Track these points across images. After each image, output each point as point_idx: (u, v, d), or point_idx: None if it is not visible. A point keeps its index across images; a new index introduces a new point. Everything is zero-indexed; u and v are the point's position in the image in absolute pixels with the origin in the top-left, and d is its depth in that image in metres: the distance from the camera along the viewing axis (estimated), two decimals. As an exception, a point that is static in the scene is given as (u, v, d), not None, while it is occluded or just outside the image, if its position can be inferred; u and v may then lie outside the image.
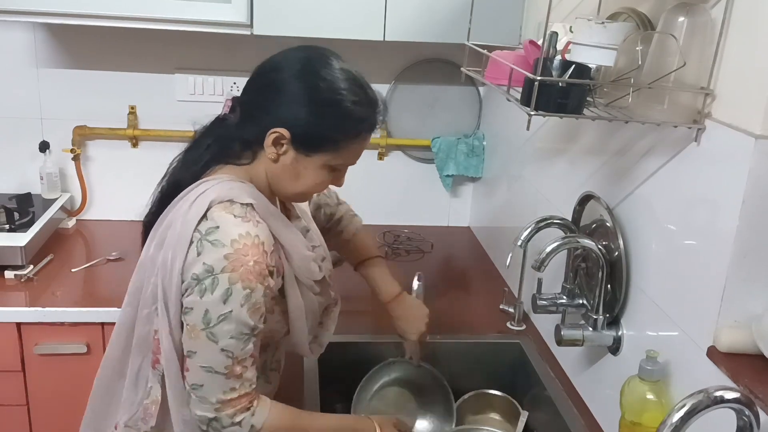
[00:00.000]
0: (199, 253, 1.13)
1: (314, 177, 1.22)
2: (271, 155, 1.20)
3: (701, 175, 1.16)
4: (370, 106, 1.21)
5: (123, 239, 2.19)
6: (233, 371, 1.15)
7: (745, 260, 1.08)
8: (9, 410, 1.86)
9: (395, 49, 2.26)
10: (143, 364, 1.23)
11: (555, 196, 1.76)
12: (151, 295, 1.19)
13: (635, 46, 1.18)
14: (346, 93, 1.17)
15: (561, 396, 1.58)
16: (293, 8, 1.92)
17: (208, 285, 1.11)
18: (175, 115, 2.30)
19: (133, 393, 1.25)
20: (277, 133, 1.17)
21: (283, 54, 1.24)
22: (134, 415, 1.24)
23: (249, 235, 1.14)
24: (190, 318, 1.14)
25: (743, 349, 1.09)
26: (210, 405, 1.16)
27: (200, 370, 1.14)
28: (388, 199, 2.50)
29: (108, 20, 1.87)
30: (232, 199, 1.17)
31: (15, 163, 2.28)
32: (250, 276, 1.12)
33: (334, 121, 1.18)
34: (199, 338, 1.13)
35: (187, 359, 1.16)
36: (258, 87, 1.23)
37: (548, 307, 1.55)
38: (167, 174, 1.30)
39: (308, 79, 1.18)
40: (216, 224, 1.14)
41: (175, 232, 1.16)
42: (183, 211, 1.17)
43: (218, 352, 1.13)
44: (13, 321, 1.78)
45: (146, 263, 1.22)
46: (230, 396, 1.16)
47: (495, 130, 2.35)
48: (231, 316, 1.12)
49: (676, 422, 0.92)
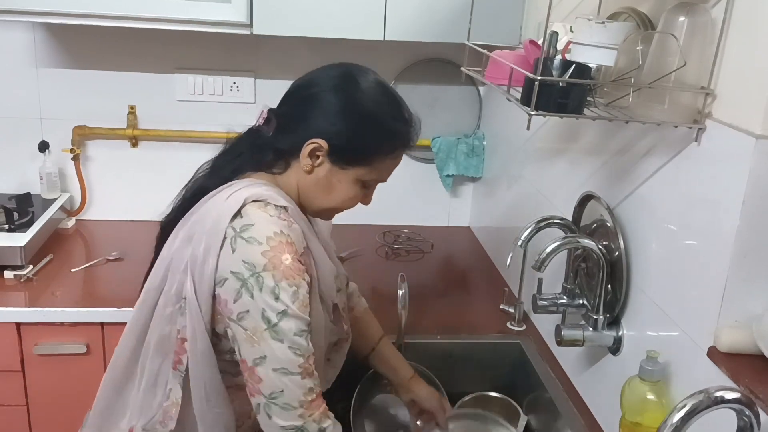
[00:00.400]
0: (234, 249, 1.11)
1: (346, 192, 1.23)
2: (306, 166, 1.20)
3: (702, 175, 1.16)
4: (407, 122, 1.23)
5: (123, 239, 2.19)
6: (306, 369, 1.13)
7: (746, 260, 1.08)
8: (8, 410, 1.86)
9: (395, 49, 2.26)
10: (163, 366, 1.22)
11: (555, 196, 1.76)
12: (176, 293, 1.18)
13: (635, 45, 1.18)
14: (385, 107, 1.20)
15: (561, 396, 1.58)
16: (293, 8, 1.91)
17: (253, 283, 1.10)
18: (175, 114, 2.30)
19: (150, 396, 1.22)
20: (315, 144, 1.18)
21: (320, 69, 1.25)
22: (152, 419, 1.22)
23: (283, 234, 1.13)
24: (249, 322, 1.11)
25: (743, 349, 1.09)
26: (294, 411, 1.12)
27: (275, 375, 1.11)
28: (388, 199, 2.49)
29: (108, 20, 1.87)
30: (267, 200, 1.16)
31: (14, 163, 2.28)
32: (291, 273, 1.11)
33: (372, 134, 1.19)
34: (264, 340, 1.11)
35: (257, 369, 1.12)
36: (296, 99, 1.24)
37: (548, 307, 1.55)
38: (193, 179, 1.28)
39: (347, 91, 1.19)
40: (251, 222, 1.13)
41: (206, 227, 1.14)
42: (216, 206, 1.16)
43: (287, 350, 1.11)
44: (12, 321, 1.78)
45: (170, 260, 1.19)
46: (311, 397, 1.14)
47: (495, 130, 2.35)
48: (288, 313, 1.11)
49: (677, 422, 0.92)
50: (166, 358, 1.21)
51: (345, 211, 1.31)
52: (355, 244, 2.27)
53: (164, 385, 1.22)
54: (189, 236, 1.17)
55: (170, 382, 1.21)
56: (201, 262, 1.13)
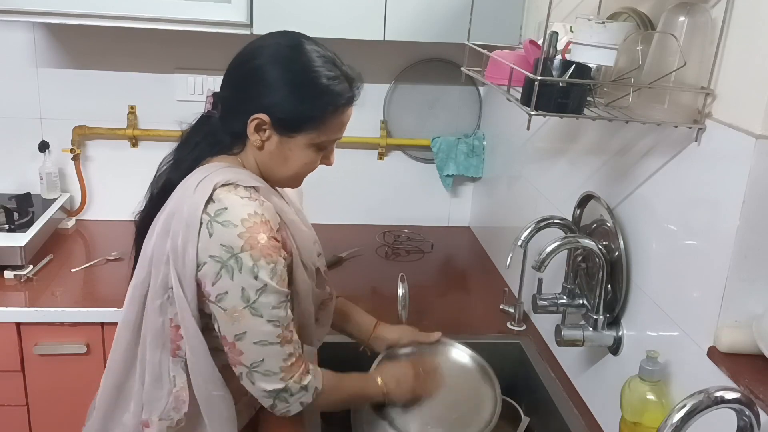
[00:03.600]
0: (211, 234, 1.15)
1: (302, 157, 1.25)
2: (256, 142, 1.23)
3: (702, 175, 1.16)
4: (346, 80, 1.23)
5: (123, 239, 2.18)
6: (285, 337, 1.19)
7: (746, 260, 1.08)
8: (8, 410, 1.86)
9: (395, 49, 2.26)
10: (162, 357, 1.24)
11: (555, 196, 1.76)
12: (162, 285, 1.21)
13: (635, 45, 1.18)
14: (320, 70, 1.19)
15: (561, 396, 1.58)
16: (293, 8, 1.92)
17: (233, 265, 1.14)
18: (175, 115, 2.26)
19: (158, 388, 1.25)
20: (258, 119, 1.20)
21: (253, 43, 1.26)
22: (165, 408, 1.25)
23: (257, 214, 1.16)
24: (228, 302, 1.16)
25: (744, 349, 1.09)
26: (275, 376, 1.19)
27: (255, 347, 1.17)
28: (388, 199, 2.50)
29: (108, 20, 1.87)
30: (236, 183, 1.19)
31: (15, 163, 2.28)
32: (268, 251, 1.15)
33: (311, 99, 1.20)
34: (244, 317, 1.16)
35: (238, 343, 1.17)
36: (234, 79, 1.26)
37: (548, 307, 1.55)
38: (158, 174, 1.31)
39: (281, 63, 1.20)
40: (224, 205, 1.16)
41: (182, 218, 1.17)
42: (187, 196, 1.18)
43: (266, 323, 1.17)
44: (12, 321, 1.78)
45: (151, 254, 1.22)
46: (290, 361, 1.20)
47: (495, 130, 2.35)
48: (267, 288, 1.16)
49: (677, 422, 0.92)
50: (165, 348, 1.24)
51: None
52: (355, 244, 2.27)
53: (168, 374, 1.25)
54: (166, 230, 1.20)
55: (173, 369, 1.24)
56: (181, 253, 1.16)
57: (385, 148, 2.44)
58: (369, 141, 2.41)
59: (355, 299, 1.59)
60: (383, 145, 2.42)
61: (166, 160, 1.32)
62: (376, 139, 2.41)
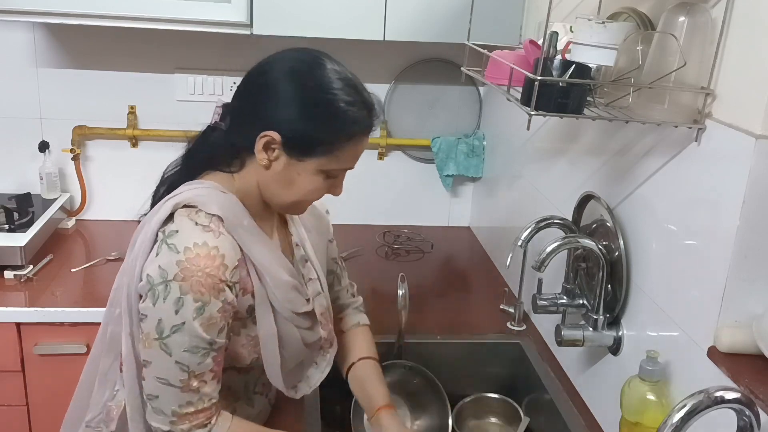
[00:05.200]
0: (158, 254, 1.10)
1: (309, 183, 1.16)
2: (263, 161, 1.14)
3: (702, 175, 1.16)
4: (365, 107, 1.15)
5: (123, 239, 2.17)
6: (189, 385, 1.10)
7: (746, 260, 1.08)
8: (8, 410, 1.86)
9: (395, 49, 2.26)
10: (113, 365, 1.22)
11: (555, 196, 1.76)
12: (124, 296, 1.17)
13: (635, 45, 1.18)
14: (339, 93, 1.11)
15: (561, 396, 1.58)
16: (293, 8, 1.91)
17: (160, 291, 1.07)
18: (175, 115, 2.30)
19: (99, 393, 1.23)
20: (268, 137, 1.12)
21: (272, 57, 1.18)
22: (97, 416, 1.22)
23: (206, 245, 1.09)
24: (145, 326, 1.11)
25: (744, 349, 1.09)
26: (165, 417, 1.12)
27: (155, 381, 1.11)
28: (388, 199, 2.50)
29: (108, 20, 1.87)
30: (198, 207, 1.13)
31: (15, 163, 2.28)
32: (201, 288, 1.07)
33: (326, 122, 1.12)
34: (152, 348, 1.10)
35: (144, 369, 1.12)
36: (246, 91, 1.18)
37: (548, 307, 1.55)
38: (162, 179, 1.27)
39: (298, 79, 1.12)
40: (176, 228, 1.11)
41: (143, 232, 1.15)
42: (153, 213, 1.16)
43: (173, 364, 1.09)
44: (12, 321, 1.78)
45: (124, 265, 1.21)
46: (186, 410, 1.12)
47: (495, 130, 2.35)
48: (184, 328, 1.08)
49: (677, 422, 0.92)
50: (116, 359, 1.22)
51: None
52: (355, 244, 2.27)
53: (113, 384, 1.23)
54: (133, 241, 1.18)
55: (118, 382, 1.22)
56: (131, 267, 1.14)
57: (385, 148, 2.44)
58: (369, 141, 2.40)
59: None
60: (383, 145, 2.42)
61: (172, 166, 1.27)
62: (376, 139, 2.40)
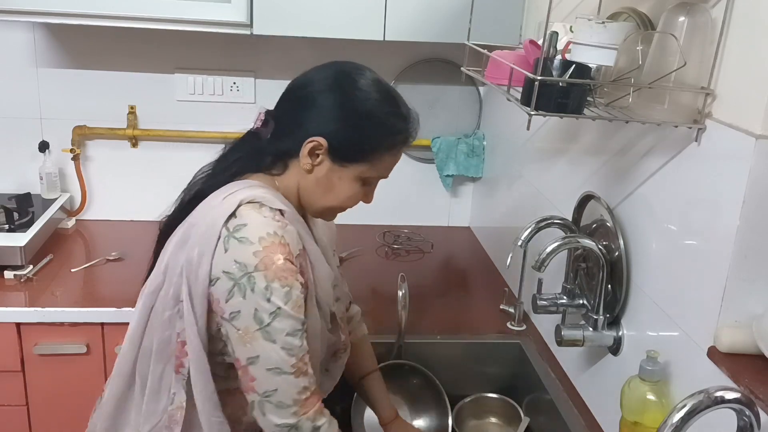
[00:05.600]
0: (227, 249, 1.12)
1: (347, 190, 1.22)
2: (306, 165, 1.20)
3: (702, 175, 1.16)
4: (405, 118, 1.22)
5: (123, 239, 2.19)
6: (300, 369, 1.13)
7: (746, 260, 1.08)
8: (8, 410, 1.86)
9: (395, 49, 2.26)
10: (165, 371, 1.21)
11: (555, 196, 1.76)
12: (173, 297, 1.17)
13: (635, 45, 1.18)
14: (382, 103, 1.19)
15: (561, 396, 1.58)
16: (293, 8, 1.91)
17: (246, 283, 1.10)
18: (175, 115, 2.30)
19: (154, 402, 1.22)
20: (315, 142, 1.18)
21: (315, 69, 1.24)
22: (158, 424, 1.21)
23: (276, 235, 1.13)
24: (241, 322, 1.12)
25: (744, 349, 1.09)
26: (288, 409, 1.14)
27: (269, 375, 1.12)
28: (388, 199, 2.48)
29: (108, 20, 1.87)
30: (262, 203, 1.16)
31: (15, 163, 2.28)
32: (284, 273, 1.11)
33: (370, 130, 1.19)
34: (256, 340, 1.11)
35: (251, 368, 1.13)
36: (292, 100, 1.23)
37: (548, 307, 1.55)
38: (192, 182, 1.28)
39: (343, 90, 1.19)
40: (244, 222, 1.13)
41: (201, 230, 1.15)
42: (211, 209, 1.16)
43: (279, 350, 1.12)
44: (12, 321, 1.77)
45: (166, 264, 1.19)
46: (305, 396, 1.15)
47: (495, 130, 2.35)
48: (281, 312, 1.11)
49: (677, 422, 0.92)
50: (168, 362, 1.20)
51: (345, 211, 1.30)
52: (355, 244, 2.27)
53: (168, 389, 1.21)
54: (184, 240, 1.17)
55: (174, 386, 1.20)
56: (196, 265, 1.13)
57: (385, 148, 2.44)
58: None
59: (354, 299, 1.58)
60: (383, 145, 2.42)
61: (204, 170, 1.28)
62: (376, 139, 2.40)
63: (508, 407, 1.66)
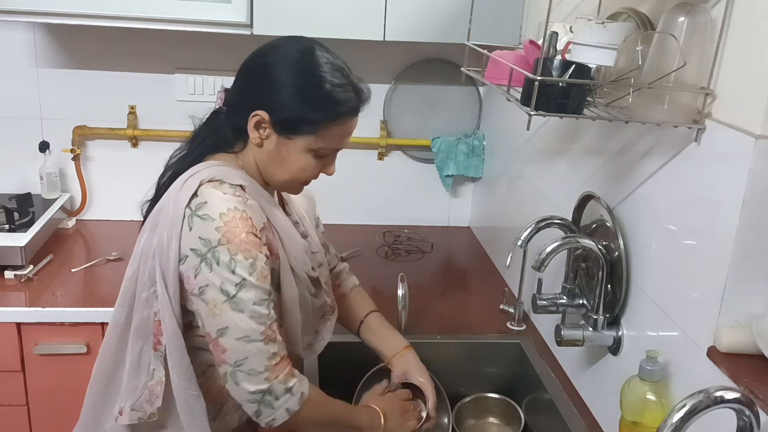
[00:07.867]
0: (191, 228, 1.16)
1: (299, 161, 1.24)
2: (255, 139, 1.23)
3: (701, 175, 1.16)
4: (352, 90, 1.23)
5: (123, 239, 2.19)
6: (269, 336, 1.18)
7: (746, 260, 1.08)
8: (9, 410, 1.86)
9: (395, 49, 2.26)
10: (144, 349, 1.25)
11: (555, 196, 1.76)
12: (149, 278, 1.22)
13: (635, 46, 1.18)
14: (326, 75, 1.20)
15: (561, 396, 1.58)
16: (293, 8, 1.92)
17: (211, 257, 1.15)
18: (175, 115, 2.30)
19: (135, 378, 1.26)
20: (258, 116, 1.21)
21: (268, 43, 1.27)
22: (139, 398, 1.25)
23: (237, 210, 1.17)
24: (208, 295, 1.16)
25: (743, 349, 1.09)
26: (260, 375, 1.17)
27: (239, 344, 1.16)
28: (388, 199, 2.50)
29: (108, 20, 1.87)
30: (222, 180, 1.20)
31: (15, 163, 2.28)
32: (247, 246, 1.16)
33: (312, 102, 1.20)
34: (224, 312, 1.15)
35: (221, 339, 1.17)
36: (242, 75, 1.27)
37: (548, 307, 1.55)
38: (167, 165, 1.33)
39: (289, 63, 1.21)
40: (204, 200, 1.17)
41: (168, 213, 1.19)
42: (174, 193, 1.20)
43: (248, 319, 1.16)
44: (12, 321, 1.78)
45: (141, 249, 1.24)
46: (275, 361, 1.18)
47: (495, 130, 2.35)
48: (246, 283, 1.15)
49: (677, 422, 0.92)
50: (147, 341, 1.25)
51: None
52: (355, 244, 2.27)
53: (147, 366, 1.25)
54: (155, 224, 1.22)
55: (153, 362, 1.25)
56: (166, 247, 1.18)
57: (385, 149, 2.44)
58: (369, 141, 2.40)
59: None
60: (383, 146, 2.42)
61: (176, 152, 1.33)
62: (376, 140, 2.41)
63: (508, 407, 1.66)
